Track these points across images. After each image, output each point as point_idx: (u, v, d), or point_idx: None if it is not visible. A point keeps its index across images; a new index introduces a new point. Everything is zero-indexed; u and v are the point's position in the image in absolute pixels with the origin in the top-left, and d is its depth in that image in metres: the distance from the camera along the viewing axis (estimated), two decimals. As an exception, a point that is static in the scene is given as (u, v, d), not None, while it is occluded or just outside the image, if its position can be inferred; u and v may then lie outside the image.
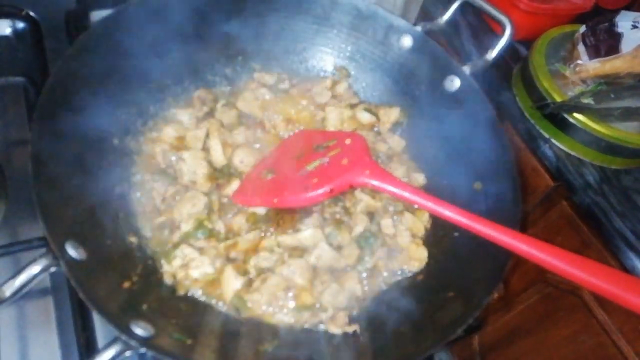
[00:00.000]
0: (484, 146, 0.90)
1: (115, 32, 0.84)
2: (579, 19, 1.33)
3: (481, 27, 1.38)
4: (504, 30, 0.95)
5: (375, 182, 0.81)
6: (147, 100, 0.93)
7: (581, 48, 1.20)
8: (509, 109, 1.24)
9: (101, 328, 0.76)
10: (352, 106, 1.06)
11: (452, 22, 1.04)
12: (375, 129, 1.06)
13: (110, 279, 0.70)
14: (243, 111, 1.00)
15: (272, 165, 0.91)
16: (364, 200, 0.91)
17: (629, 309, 0.60)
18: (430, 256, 0.88)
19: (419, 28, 1.00)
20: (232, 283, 0.78)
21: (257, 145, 0.98)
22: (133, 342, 0.58)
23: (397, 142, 1.04)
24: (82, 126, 0.78)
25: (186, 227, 0.81)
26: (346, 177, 0.83)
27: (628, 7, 1.38)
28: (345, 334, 0.78)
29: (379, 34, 1.04)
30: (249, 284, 0.80)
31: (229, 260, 0.82)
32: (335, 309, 0.80)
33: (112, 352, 0.58)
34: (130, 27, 0.86)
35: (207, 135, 0.92)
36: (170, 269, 0.78)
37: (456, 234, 0.87)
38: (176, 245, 0.80)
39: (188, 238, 0.81)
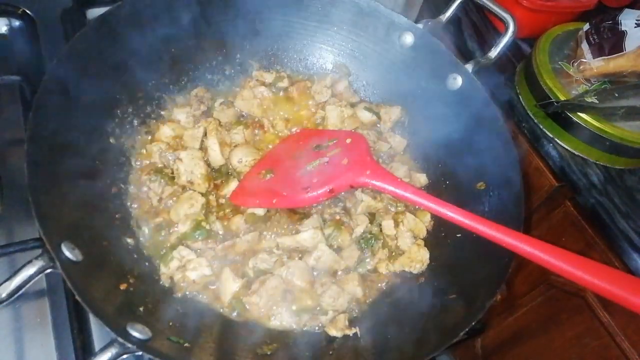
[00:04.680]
0: (487, 146, 0.88)
1: (111, 30, 0.83)
2: (583, 16, 1.32)
3: (484, 24, 1.37)
4: (506, 28, 0.94)
5: (376, 182, 0.80)
6: (144, 99, 0.92)
7: (585, 46, 1.18)
8: (512, 108, 1.23)
9: (98, 330, 0.75)
10: (353, 105, 1.05)
11: (454, 19, 1.02)
12: (376, 128, 1.05)
13: (106, 280, 0.70)
14: (241, 110, 0.99)
15: (271, 165, 0.90)
16: (364, 200, 0.90)
17: (633, 311, 0.59)
18: (431, 258, 0.87)
19: (420, 25, 0.99)
20: (230, 285, 0.77)
21: (256, 145, 0.97)
22: (129, 345, 0.58)
23: (398, 142, 1.03)
24: (77, 125, 0.77)
25: (183, 228, 0.81)
26: (346, 177, 0.82)
27: (632, 5, 1.37)
28: (346, 337, 0.77)
29: (379, 32, 1.03)
30: (247, 286, 0.79)
31: (227, 261, 0.81)
32: (335, 312, 0.79)
33: (108, 354, 0.57)
34: (127, 25, 0.85)
35: (205, 135, 0.91)
36: (167, 271, 0.77)
37: (458, 235, 0.86)
38: (173, 247, 0.79)
39: (185, 239, 0.80)
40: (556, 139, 1.15)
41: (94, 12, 1.09)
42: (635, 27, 1.14)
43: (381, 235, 0.88)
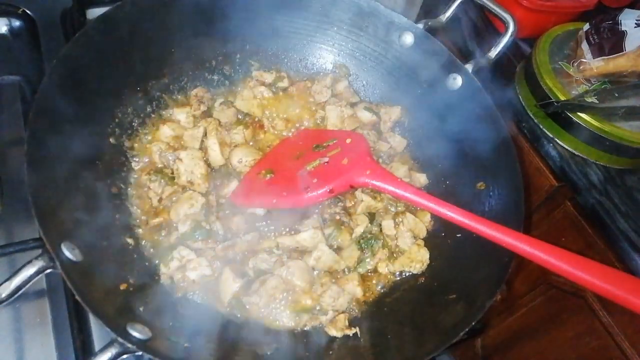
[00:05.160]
0: (486, 146, 0.88)
1: (111, 30, 0.83)
2: (583, 17, 1.32)
3: (484, 24, 1.37)
4: (506, 28, 0.94)
5: (376, 182, 0.80)
6: (144, 99, 0.92)
7: (585, 46, 1.18)
8: (512, 108, 1.23)
9: (97, 330, 0.75)
10: (353, 105, 1.05)
11: (454, 19, 1.02)
12: (376, 128, 1.05)
13: (106, 280, 0.70)
14: (241, 110, 0.99)
15: (271, 165, 0.90)
16: (364, 200, 0.90)
17: (633, 311, 0.59)
18: (432, 258, 0.87)
19: (420, 25, 0.99)
20: (231, 285, 0.77)
21: (256, 145, 0.97)
22: (129, 345, 0.58)
23: (398, 142, 1.03)
24: (78, 126, 0.77)
25: (183, 228, 0.80)
26: (346, 177, 0.82)
27: (632, 5, 1.37)
28: (346, 337, 0.77)
29: (379, 32, 1.03)
30: (247, 286, 0.79)
31: (227, 261, 0.81)
32: (335, 312, 0.79)
33: (108, 354, 0.58)
34: (127, 25, 0.85)
35: (205, 135, 0.91)
36: (167, 271, 0.77)
37: (458, 235, 0.86)
38: (173, 247, 0.79)
39: (185, 239, 0.80)
40: (556, 139, 1.15)
41: (94, 12, 1.09)
42: (635, 27, 1.14)
43: (381, 235, 0.89)
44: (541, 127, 1.17)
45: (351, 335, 0.77)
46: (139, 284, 0.73)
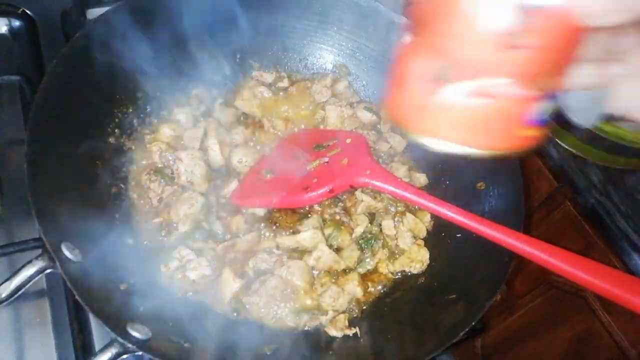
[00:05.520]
0: (486, 145, 0.88)
1: (111, 30, 0.83)
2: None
3: (483, 25, 1.37)
4: (507, 28, 0.94)
5: (376, 182, 0.80)
6: (144, 99, 0.92)
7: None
8: (512, 108, 1.23)
9: (98, 330, 0.75)
10: (353, 105, 1.05)
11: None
12: (376, 128, 1.05)
13: (106, 280, 0.69)
14: (241, 110, 0.99)
15: (271, 165, 0.90)
16: (364, 200, 0.90)
17: (633, 311, 0.59)
18: (432, 258, 0.87)
19: (420, 25, 0.99)
20: (231, 285, 0.77)
21: (256, 145, 0.97)
22: (130, 345, 0.58)
23: (398, 142, 1.03)
24: (78, 126, 0.77)
25: (183, 228, 0.81)
26: (346, 177, 0.82)
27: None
28: (346, 337, 0.77)
29: (380, 31, 1.03)
30: (247, 286, 0.79)
31: (227, 261, 0.81)
32: (335, 312, 0.79)
33: (108, 354, 0.58)
34: (127, 26, 0.85)
35: (205, 135, 0.91)
36: (167, 271, 0.77)
37: (458, 235, 0.86)
38: (173, 247, 0.79)
39: (185, 239, 0.80)
40: (556, 139, 1.15)
41: (94, 12, 1.09)
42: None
43: (381, 235, 0.88)
44: (541, 127, 1.17)
45: (351, 335, 0.77)
46: (139, 284, 0.73)
